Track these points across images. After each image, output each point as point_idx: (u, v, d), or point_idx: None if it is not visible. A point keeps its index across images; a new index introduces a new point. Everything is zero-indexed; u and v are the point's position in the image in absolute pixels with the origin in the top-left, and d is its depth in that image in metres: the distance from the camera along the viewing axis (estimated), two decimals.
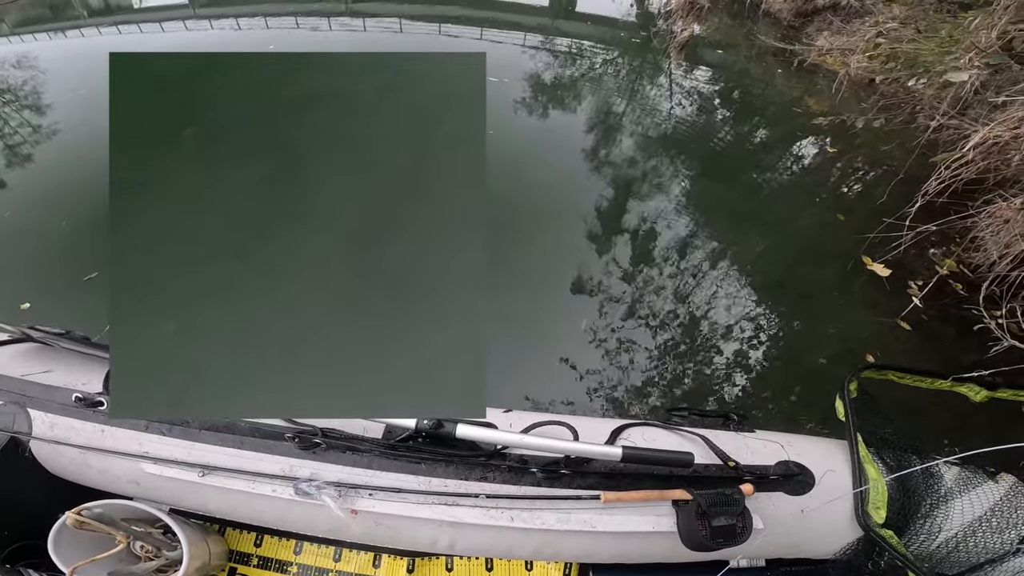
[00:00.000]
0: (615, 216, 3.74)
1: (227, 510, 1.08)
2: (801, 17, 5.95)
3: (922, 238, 2.91)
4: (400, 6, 10.43)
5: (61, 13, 9.93)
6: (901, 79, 3.72)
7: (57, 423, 1.05)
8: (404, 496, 0.97)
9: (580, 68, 6.27)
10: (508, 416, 1.15)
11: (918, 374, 1.24)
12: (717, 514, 0.92)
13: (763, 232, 3.54)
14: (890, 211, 2.98)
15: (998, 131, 2.52)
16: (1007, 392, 1.18)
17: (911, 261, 3.08)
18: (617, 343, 2.80)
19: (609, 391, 2.59)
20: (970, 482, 1.12)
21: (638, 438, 1.11)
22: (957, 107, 3.07)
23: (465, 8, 9.84)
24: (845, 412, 1.17)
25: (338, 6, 10.40)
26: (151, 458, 1.01)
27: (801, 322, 2.97)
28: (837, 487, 1.08)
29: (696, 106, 5.30)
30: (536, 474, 1.00)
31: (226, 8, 10.24)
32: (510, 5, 10.08)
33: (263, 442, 1.02)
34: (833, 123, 4.42)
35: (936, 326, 2.79)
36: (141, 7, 10.60)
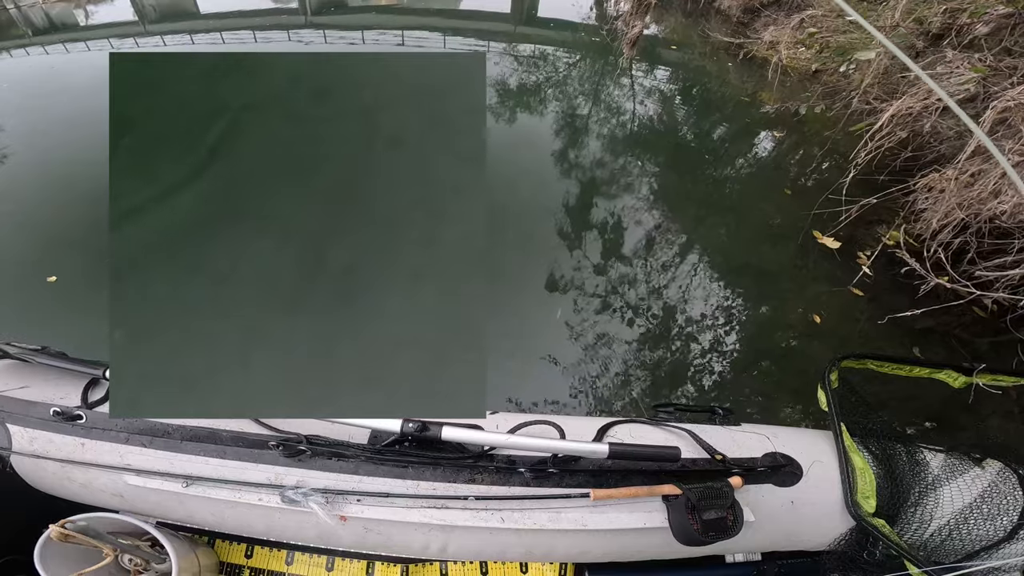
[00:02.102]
0: (583, 212, 3.82)
1: (215, 521, 1.06)
2: (749, 13, 6.23)
3: (870, 214, 3.08)
4: (360, 17, 10.42)
5: (4, 32, 9.51)
6: (833, 67, 3.96)
7: (36, 437, 1.04)
8: (392, 501, 0.97)
9: (544, 71, 6.39)
10: (494, 417, 1.15)
11: (897, 362, 1.25)
12: (707, 507, 0.92)
13: (723, 219, 3.68)
14: (836, 190, 3.14)
15: (909, 103, 2.73)
16: (985, 377, 1.21)
17: (861, 236, 3.26)
18: (594, 338, 2.85)
19: (591, 387, 2.62)
20: (956, 468, 1.13)
21: (625, 435, 1.11)
22: (877, 86, 3.30)
23: (425, 17, 9.90)
24: (828, 402, 1.18)
25: (297, 19, 10.30)
26: (133, 470, 1.00)
27: (766, 299, 3.09)
28: (825, 477, 1.09)
29: (655, 102, 5.47)
30: (524, 474, 0.99)
31: (178, 24, 10.01)
32: (471, 13, 10.20)
33: (247, 451, 1.01)
34: (780, 111, 4.64)
35: (888, 296, 2.95)
36: (88, 24, 10.25)
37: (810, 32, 4.38)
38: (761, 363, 2.78)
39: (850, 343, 2.80)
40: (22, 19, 10.12)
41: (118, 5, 11.24)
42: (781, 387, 2.62)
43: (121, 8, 11.09)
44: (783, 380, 2.66)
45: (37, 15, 10.38)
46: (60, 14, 10.50)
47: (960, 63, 2.65)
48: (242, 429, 1.05)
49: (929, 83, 0.66)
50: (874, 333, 2.81)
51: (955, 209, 2.86)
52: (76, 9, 10.80)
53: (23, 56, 7.99)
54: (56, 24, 10.10)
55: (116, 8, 11.12)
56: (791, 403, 2.52)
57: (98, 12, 10.85)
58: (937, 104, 2.64)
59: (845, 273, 3.06)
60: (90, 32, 9.72)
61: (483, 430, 1.00)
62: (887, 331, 2.77)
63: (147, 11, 10.74)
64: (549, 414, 1.14)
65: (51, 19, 10.26)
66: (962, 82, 2.58)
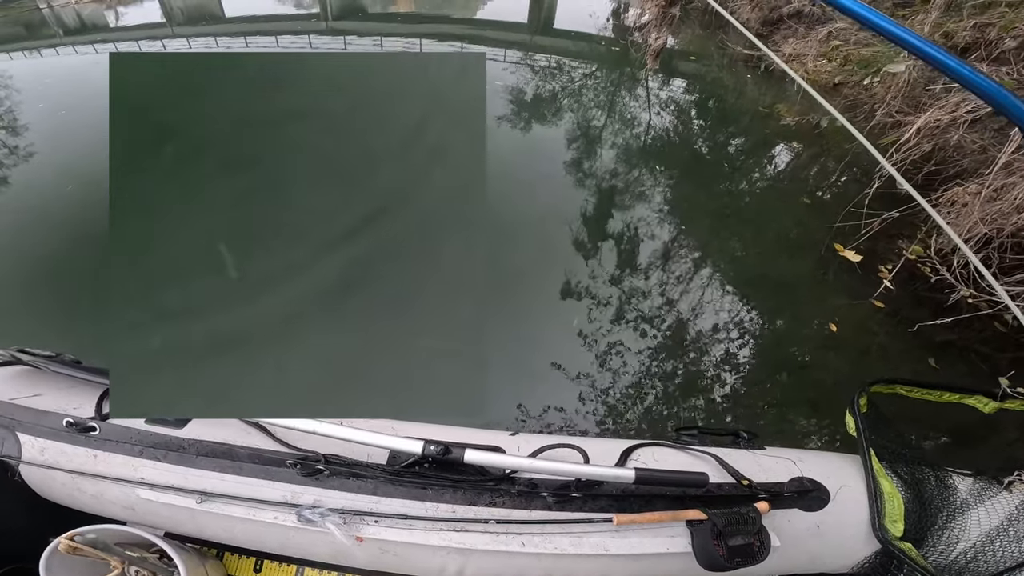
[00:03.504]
0: (600, 223, 3.82)
1: (226, 536, 1.05)
2: (768, 26, 6.25)
3: (891, 228, 3.06)
4: (379, 24, 10.61)
5: (36, 32, 9.81)
6: (857, 79, 3.96)
7: (47, 447, 1.03)
8: (411, 523, 0.95)
9: (560, 80, 6.44)
10: (515, 439, 1.13)
11: (926, 387, 1.23)
12: (733, 533, 0.90)
13: (741, 230, 3.66)
14: (857, 203, 3.13)
15: (937, 115, 2.71)
16: (1015, 403, 1.18)
17: (882, 250, 3.23)
18: (611, 352, 2.82)
19: (605, 400, 2.59)
20: (984, 492, 1.12)
21: (648, 458, 1.10)
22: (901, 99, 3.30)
23: (442, 25, 10.05)
24: (856, 427, 1.17)
25: (318, 25, 10.52)
26: (147, 484, 0.99)
27: (783, 311, 3.07)
28: (852, 501, 1.07)
29: (673, 113, 5.49)
30: (547, 498, 0.97)
31: (203, 27, 10.27)
32: (488, 23, 10.34)
33: (263, 468, 0.99)
34: (800, 124, 4.63)
35: (909, 310, 2.91)
36: (117, 26, 10.55)
37: (834, 45, 4.38)
38: (778, 376, 2.75)
39: (869, 356, 2.76)
40: (54, 19, 10.44)
41: (147, 7, 11.58)
42: (799, 401, 2.59)
43: (150, 10, 11.41)
44: (801, 395, 2.63)
45: (69, 15, 10.70)
46: (91, 15, 10.82)
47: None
48: (259, 446, 1.03)
49: (824, 103, 0.67)
50: (893, 348, 2.77)
51: (978, 223, 2.83)
52: (107, 10, 11.13)
53: (53, 56, 8.23)
54: (87, 25, 10.41)
55: (145, 9, 11.44)
56: (810, 418, 2.49)
57: (128, 13, 11.18)
58: (965, 118, 2.63)
59: (866, 286, 3.03)
60: (120, 33, 10.00)
61: (505, 453, 1.00)
62: (906, 346, 2.73)
63: (175, 13, 11.03)
64: (571, 436, 1.13)
65: (82, 19, 10.58)
66: None
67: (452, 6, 11.77)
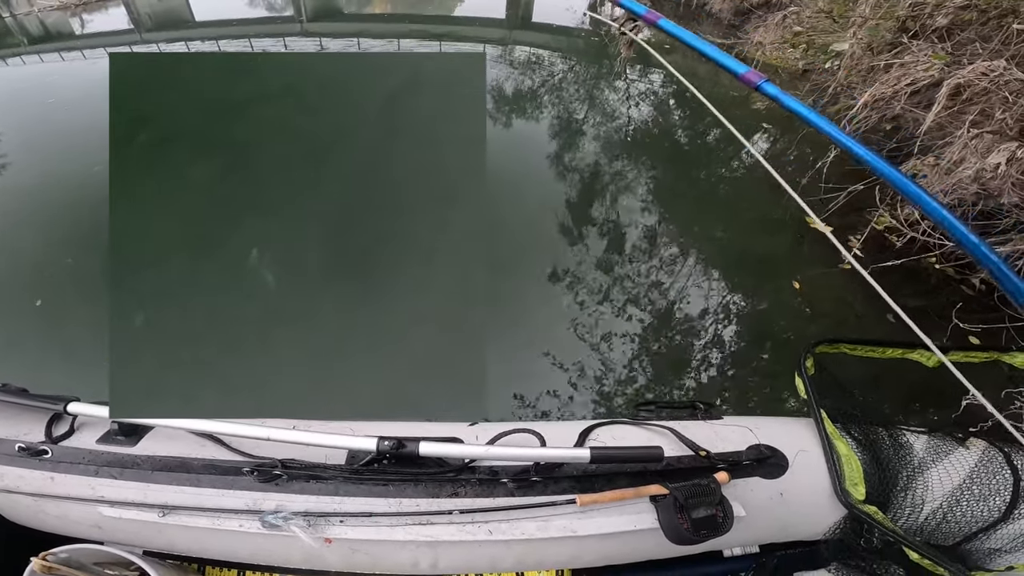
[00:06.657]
0: (582, 210, 3.93)
1: (199, 548, 1.06)
2: (740, 15, 6.46)
3: (860, 200, 3.23)
4: (356, 25, 10.54)
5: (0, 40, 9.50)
6: (819, 65, 4.16)
7: (5, 473, 1.04)
8: (376, 520, 0.95)
9: (539, 74, 6.54)
10: (473, 429, 1.14)
11: (869, 344, 1.24)
12: (696, 506, 0.91)
13: (720, 214, 3.82)
14: (826, 181, 3.30)
15: (882, 89, 2.91)
16: (957, 355, 1.19)
17: (852, 222, 3.41)
18: (593, 334, 2.89)
19: (573, 385, 2.62)
20: (941, 449, 1.12)
21: (607, 437, 1.10)
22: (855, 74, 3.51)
23: (420, 25, 10.03)
24: (806, 389, 1.17)
25: (293, 27, 10.40)
26: (107, 501, 0.99)
27: (763, 284, 3.23)
28: (811, 466, 1.07)
29: (650, 104, 5.64)
30: (508, 484, 0.98)
31: (173, 32, 10.07)
32: (466, 19, 10.37)
33: (221, 478, 1.00)
34: (770, 109, 4.81)
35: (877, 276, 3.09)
36: (83, 33, 10.28)
37: (795, 32, 4.59)
38: (743, 344, 2.90)
39: (846, 325, 2.93)
40: (17, 27, 10.12)
41: (112, 13, 11.29)
42: (763, 370, 2.74)
43: (116, 17, 11.14)
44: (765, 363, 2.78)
45: (32, 23, 10.39)
46: (56, 23, 10.52)
47: (923, 52, 2.85)
48: (214, 457, 1.03)
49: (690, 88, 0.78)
50: (868, 315, 2.95)
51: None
52: (72, 17, 10.83)
53: (19, 65, 8.00)
54: (52, 33, 10.11)
55: (111, 16, 11.16)
56: (774, 385, 2.61)
57: (93, 21, 10.89)
58: (905, 90, 2.83)
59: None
60: (85, 40, 9.74)
61: (462, 442, 1.00)
62: (878, 313, 2.91)
63: (143, 19, 10.80)
64: (529, 421, 1.14)
65: (47, 27, 10.27)
66: (926, 68, 2.79)
67: (429, 5, 11.76)
